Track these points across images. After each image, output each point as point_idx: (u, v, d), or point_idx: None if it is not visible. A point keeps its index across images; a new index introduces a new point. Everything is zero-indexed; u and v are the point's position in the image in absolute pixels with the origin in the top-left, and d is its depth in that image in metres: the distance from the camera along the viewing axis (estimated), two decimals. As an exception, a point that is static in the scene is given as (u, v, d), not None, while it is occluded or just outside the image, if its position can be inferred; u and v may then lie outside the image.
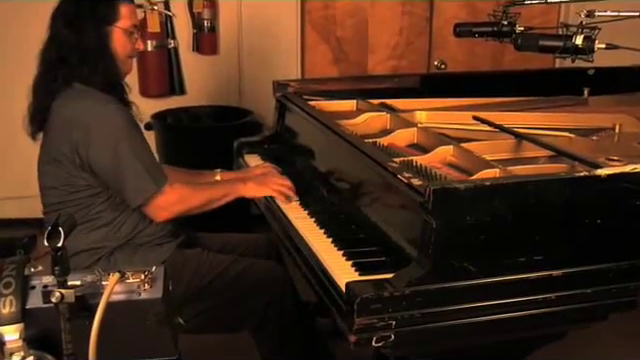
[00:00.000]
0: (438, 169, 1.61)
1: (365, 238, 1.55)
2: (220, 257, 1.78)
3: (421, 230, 1.29)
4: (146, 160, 1.62)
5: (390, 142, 1.84)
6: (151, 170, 1.62)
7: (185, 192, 1.69)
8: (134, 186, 1.61)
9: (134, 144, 1.60)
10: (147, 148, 1.64)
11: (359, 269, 1.39)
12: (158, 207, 1.64)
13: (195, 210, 1.71)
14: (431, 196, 1.25)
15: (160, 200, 1.63)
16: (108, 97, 1.63)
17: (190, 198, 1.70)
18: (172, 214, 1.67)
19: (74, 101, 1.62)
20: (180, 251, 1.75)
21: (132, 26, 1.70)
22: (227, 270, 1.73)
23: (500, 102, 2.21)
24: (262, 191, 1.80)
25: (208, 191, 1.75)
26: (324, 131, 1.87)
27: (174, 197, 1.65)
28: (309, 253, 1.53)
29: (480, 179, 1.42)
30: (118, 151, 1.59)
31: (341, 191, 1.76)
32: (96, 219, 1.67)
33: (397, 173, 1.44)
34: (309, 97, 2.24)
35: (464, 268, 1.28)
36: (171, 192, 1.65)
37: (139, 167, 1.60)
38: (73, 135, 1.59)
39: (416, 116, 2.03)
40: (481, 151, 1.66)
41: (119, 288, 1.03)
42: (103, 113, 1.60)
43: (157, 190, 1.62)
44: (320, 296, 1.41)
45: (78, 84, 1.64)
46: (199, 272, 1.71)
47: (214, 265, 1.74)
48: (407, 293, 1.25)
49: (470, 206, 1.27)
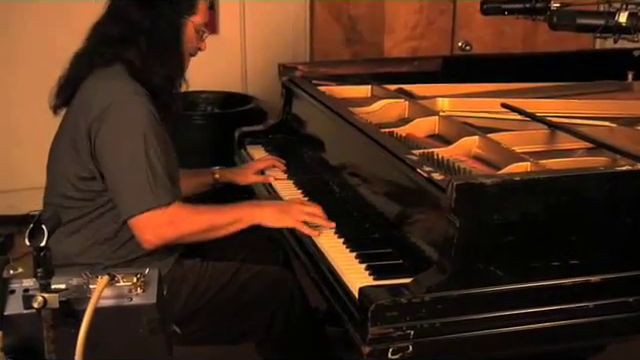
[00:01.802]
0: (462, 162, 1.61)
1: (380, 239, 1.55)
2: (221, 267, 1.77)
3: (443, 230, 1.29)
4: (155, 168, 1.55)
5: (408, 132, 1.84)
6: (157, 181, 1.55)
7: (180, 213, 1.60)
8: (128, 193, 1.57)
9: (147, 145, 1.56)
10: (161, 156, 1.58)
11: (374, 273, 1.39)
12: (145, 226, 1.56)
13: (192, 237, 1.64)
14: (454, 192, 1.25)
15: (151, 218, 1.56)
16: (140, 88, 1.60)
17: (185, 221, 1.60)
18: (159, 238, 1.59)
19: (104, 80, 1.62)
20: (178, 264, 1.73)
21: (204, 24, 1.73)
22: (230, 282, 1.73)
23: (532, 88, 2.20)
24: (283, 221, 1.65)
25: (211, 214, 1.65)
26: (335, 120, 1.87)
27: (164, 218, 1.58)
28: (318, 255, 1.54)
29: (509, 173, 1.42)
30: (126, 147, 1.56)
31: (354, 186, 1.76)
32: (99, 230, 1.65)
33: (416, 167, 1.44)
34: (319, 82, 2.24)
35: (490, 273, 1.28)
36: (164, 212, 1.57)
37: (142, 173, 1.55)
38: (89, 115, 1.58)
39: (437, 103, 2.03)
40: (510, 142, 1.66)
41: (108, 292, 1.03)
42: (126, 99, 1.58)
43: (153, 205, 1.55)
44: (330, 303, 1.42)
45: (120, 65, 1.63)
46: (198, 288, 1.70)
47: (215, 277, 1.73)
48: (427, 300, 1.25)
49: (498, 203, 1.27)
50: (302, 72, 2.29)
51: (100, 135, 1.57)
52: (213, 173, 2.01)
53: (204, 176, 2.02)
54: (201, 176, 2.01)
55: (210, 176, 2.01)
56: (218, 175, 2.01)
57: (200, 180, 2.01)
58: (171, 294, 1.56)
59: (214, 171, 2.02)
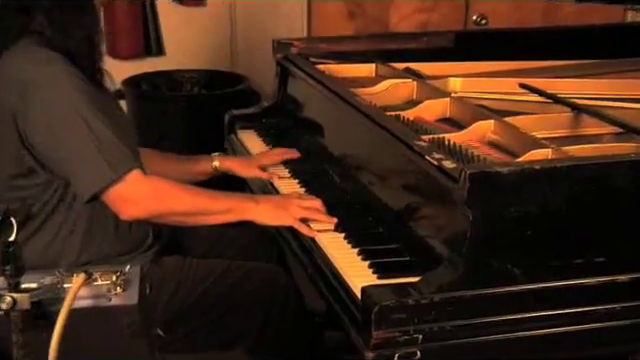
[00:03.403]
0: (476, 149, 1.62)
1: (385, 234, 1.56)
2: (207, 265, 1.77)
3: (454, 224, 1.30)
4: (103, 138, 1.54)
5: (417, 115, 1.84)
6: (109, 151, 1.54)
7: (164, 188, 1.61)
8: (83, 172, 1.55)
9: (85, 114, 1.54)
10: (106, 119, 1.57)
11: (378, 271, 1.39)
12: (122, 199, 1.56)
13: (179, 218, 1.64)
14: (467, 182, 1.25)
15: (123, 191, 1.55)
16: (55, 55, 1.59)
17: (172, 198, 1.61)
18: (145, 212, 1.59)
19: (15, 60, 1.59)
20: (156, 263, 1.73)
21: None
22: (216, 282, 1.73)
23: (554, 66, 2.20)
24: (280, 218, 1.64)
25: (202, 198, 1.64)
26: (335, 102, 1.87)
27: (146, 190, 1.59)
28: (316, 251, 1.54)
29: (528, 161, 1.42)
30: (63, 124, 1.54)
31: (356, 176, 1.77)
32: (45, 224, 1.64)
33: (425, 154, 1.45)
34: (317, 60, 2.24)
35: (507, 271, 1.28)
36: (141, 183, 1.57)
37: (90, 147, 1.53)
38: (7, 104, 1.56)
39: (449, 84, 2.03)
40: (530, 127, 1.66)
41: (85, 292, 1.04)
42: (44, 74, 1.56)
43: (115, 178, 1.54)
44: (330, 304, 1.43)
45: (28, 39, 1.61)
46: (181, 289, 1.70)
47: (199, 277, 1.73)
48: (436, 301, 1.25)
49: (515, 195, 1.27)
50: (299, 49, 2.28)
51: (29, 123, 1.55)
52: (212, 160, 1.98)
53: (201, 164, 1.99)
54: (197, 163, 2.00)
55: (208, 164, 1.98)
56: (217, 163, 1.98)
57: (196, 168, 2.00)
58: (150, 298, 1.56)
59: (213, 158, 1.99)
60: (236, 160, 2.06)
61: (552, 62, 2.22)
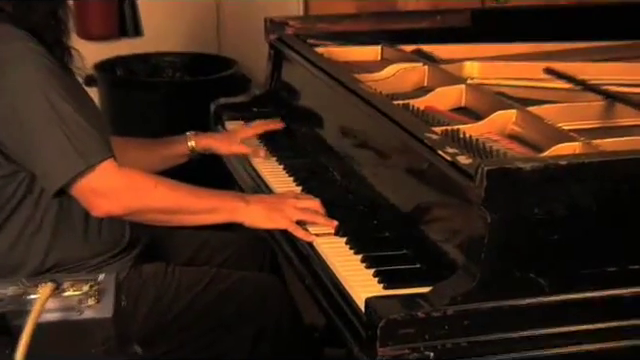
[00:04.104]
0: (495, 142, 1.62)
1: (392, 238, 1.56)
2: (192, 273, 1.78)
3: (470, 227, 1.30)
4: (72, 123, 1.55)
5: (428, 105, 1.85)
6: (79, 138, 1.55)
7: (141, 180, 1.62)
8: (49, 162, 1.55)
9: (53, 99, 1.55)
10: (76, 107, 1.58)
11: (384, 280, 1.40)
12: (93, 192, 1.57)
13: (157, 216, 1.65)
14: (485, 180, 1.26)
15: (95, 183, 1.56)
16: (17, 32, 1.60)
17: (149, 192, 1.62)
18: (119, 207, 1.60)
19: None
20: (135, 270, 1.74)
21: None
22: (203, 292, 1.74)
23: (584, 48, 2.20)
24: (273, 221, 1.64)
25: (184, 194, 1.65)
26: (336, 89, 1.87)
27: (120, 182, 1.59)
28: (315, 258, 1.54)
29: (554, 156, 1.43)
30: (26, 108, 1.55)
31: (359, 173, 1.77)
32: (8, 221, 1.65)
33: (437, 148, 1.45)
34: (315, 42, 2.24)
35: (530, 281, 1.28)
36: (114, 174, 1.58)
37: (57, 133, 1.54)
38: None
39: (465, 68, 2.04)
40: (556, 117, 1.66)
41: (53, 304, 1.04)
42: (9, 49, 1.57)
43: (85, 168, 1.54)
44: (330, 317, 1.43)
45: None
46: (162, 301, 1.71)
47: (184, 287, 1.73)
48: (450, 314, 1.26)
49: (539, 194, 1.27)
50: (295, 29, 2.29)
51: None
52: (187, 140, 2.00)
53: (175, 145, 2.01)
54: (170, 145, 2.01)
55: (183, 145, 2.00)
56: (193, 142, 2.00)
57: (170, 151, 2.01)
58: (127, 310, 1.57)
59: (188, 137, 2.00)
60: (214, 137, 2.07)
61: (582, 43, 2.22)
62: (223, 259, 1.92)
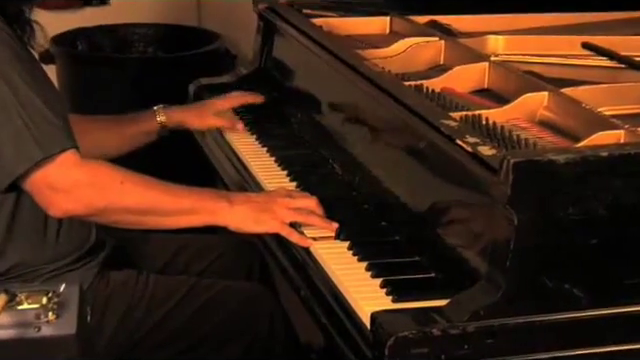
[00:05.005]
0: (523, 130, 1.62)
1: (402, 242, 1.57)
2: (169, 282, 1.78)
3: (494, 229, 1.30)
4: (30, 107, 1.57)
5: (445, 86, 1.85)
6: (37, 124, 1.56)
7: (107, 174, 1.63)
8: (3, 151, 1.56)
9: (10, 79, 1.56)
10: (35, 89, 1.59)
11: (393, 291, 1.39)
12: (50, 187, 1.58)
13: (126, 217, 1.65)
14: (511, 174, 1.26)
15: (53, 176, 1.57)
16: None
17: (117, 188, 1.62)
18: (80, 206, 1.61)
19: None
20: (101, 278, 1.74)
21: None
22: (181, 305, 1.74)
23: (629, 19, 2.20)
24: (262, 223, 1.64)
25: (158, 191, 1.66)
26: (337, 68, 1.88)
27: (83, 176, 1.60)
28: (312, 266, 1.55)
29: (593, 147, 1.42)
30: None
31: (364, 166, 1.78)
32: None
33: (456, 136, 1.45)
34: (313, 12, 2.25)
35: (564, 292, 1.29)
36: (76, 167, 1.59)
37: (14, 118, 1.56)
38: None
39: (489, 43, 2.04)
40: (595, 100, 1.66)
41: (6, 319, 1.04)
42: None
43: (42, 158, 1.55)
44: (330, 335, 1.43)
45: None
46: (133, 314, 1.71)
47: (159, 299, 1.74)
48: (470, 331, 1.26)
49: (575, 191, 1.27)
50: (288, -3, 2.30)
51: None
52: (155, 115, 2.03)
53: (142, 121, 2.03)
54: (137, 122, 2.03)
55: (151, 120, 2.03)
56: (163, 117, 2.02)
57: (136, 128, 2.03)
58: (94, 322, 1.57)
59: (157, 112, 2.03)
60: (186, 110, 2.10)
61: (627, 13, 2.22)
62: (204, 266, 1.93)
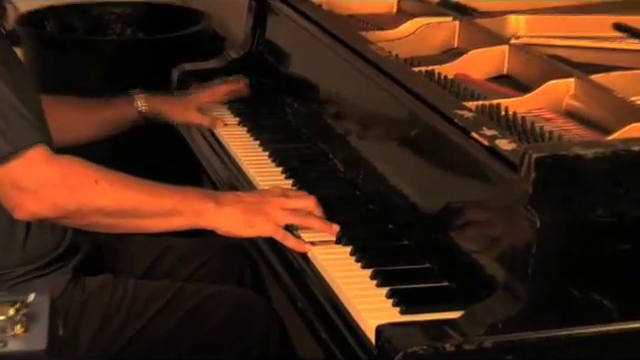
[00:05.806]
0: (547, 122, 1.63)
1: (411, 247, 1.58)
2: (150, 288, 1.79)
3: (514, 233, 1.31)
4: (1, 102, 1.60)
5: (460, 72, 1.86)
6: (7, 120, 1.58)
7: (79, 172, 1.64)
8: None
9: None
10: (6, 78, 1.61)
11: (401, 302, 1.40)
12: (15, 186, 1.59)
13: (100, 219, 1.65)
14: (533, 170, 1.26)
15: (19, 173, 1.58)
16: None
17: (90, 187, 1.62)
18: (49, 207, 1.61)
19: None
20: (76, 284, 1.75)
21: None
22: (164, 313, 1.75)
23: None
24: (254, 227, 1.64)
25: (136, 190, 1.66)
26: (339, 52, 1.88)
27: (52, 174, 1.61)
28: (310, 274, 1.56)
29: (625, 140, 1.40)
30: None
31: (368, 162, 1.78)
32: None
33: (471, 128, 1.46)
34: (310, -12, 2.25)
35: (592, 303, 1.29)
36: (45, 163, 1.60)
37: None
38: None
39: (508, 23, 2.04)
40: (628, 88, 1.66)
41: (-31, 333, 1.05)
42: None
43: (7, 154, 1.57)
44: (330, 351, 1.43)
45: None
46: (111, 324, 1.72)
47: (139, 306, 1.75)
48: (487, 346, 1.26)
49: (605, 190, 1.28)
50: (283, -29, 2.30)
51: None
52: (133, 101, 2.05)
53: (118, 107, 2.05)
54: (112, 107, 2.05)
55: (128, 106, 2.05)
56: (144, 105, 2.06)
57: (111, 113, 2.06)
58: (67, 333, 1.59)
59: (135, 98, 2.06)
60: (167, 100, 2.12)
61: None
62: (190, 271, 1.94)
